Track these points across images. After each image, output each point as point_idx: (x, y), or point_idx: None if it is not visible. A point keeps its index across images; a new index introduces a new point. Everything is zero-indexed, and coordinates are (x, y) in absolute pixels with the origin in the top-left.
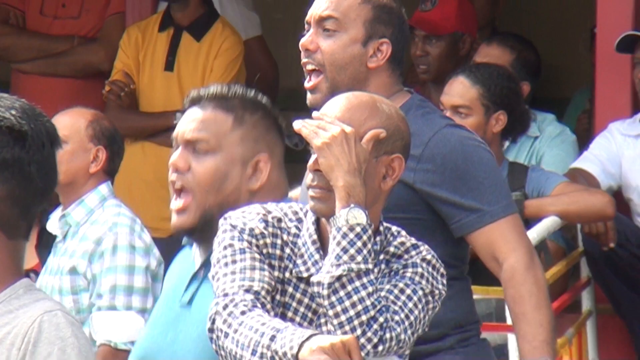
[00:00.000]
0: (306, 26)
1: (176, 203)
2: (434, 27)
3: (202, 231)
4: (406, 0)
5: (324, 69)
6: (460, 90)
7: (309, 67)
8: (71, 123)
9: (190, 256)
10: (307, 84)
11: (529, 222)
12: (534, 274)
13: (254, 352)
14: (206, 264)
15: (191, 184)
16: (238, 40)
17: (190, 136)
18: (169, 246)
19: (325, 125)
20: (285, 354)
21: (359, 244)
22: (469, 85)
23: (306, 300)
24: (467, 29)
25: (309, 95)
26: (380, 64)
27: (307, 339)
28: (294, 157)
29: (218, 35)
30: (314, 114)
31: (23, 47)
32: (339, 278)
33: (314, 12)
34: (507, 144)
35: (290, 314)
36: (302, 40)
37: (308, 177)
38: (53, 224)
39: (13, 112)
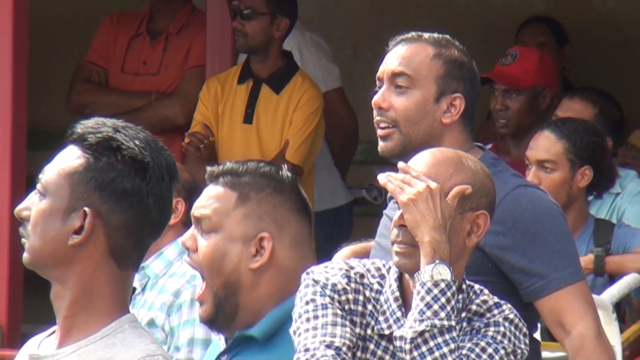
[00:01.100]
0: (378, 82)
1: (199, 292)
2: (514, 81)
3: (217, 318)
4: (486, 54)
5: (397, 125)
6: (545, 144)
7: (382, 125)
8: None
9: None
10: (380, 132)
11: (613, 277)
12: (603, 342)
13: None
14: (227, 351)
15: (197, 264)
16: (317, 93)
17: (197, 214)
18: None
19: (410, 180)
20: None
21: (443, 300)
22: (554, 139)
23: (387, 358)
24: (547, 84)
25: (380, 143)
26: (454, 119)
27: None
28: (371, 211)
29: (297, 88)
30: (400, 165)
31: (103, 103)
32: (421, 333)
33: (385, 69)
34: (591, 199)
35: None
36: (375, 98)
37: (393, 233)
38: None
39: (137, 142)
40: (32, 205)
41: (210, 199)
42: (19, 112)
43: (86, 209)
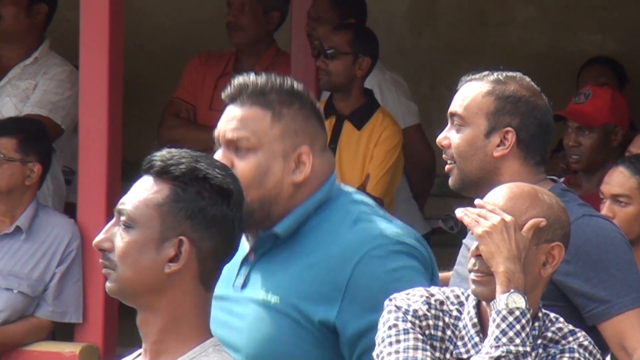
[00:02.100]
0: (449, 120)
1: None
2: (587, 120)
3: (246, 223)
4: (557, 93)
5: (455, 161)
6: (620, 180)
7: (447, 161)
8: None
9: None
10: (446, 168)
11: None
12: None
13: None
14: (254, 249)
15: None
16: (397, 129)
17: (231, 136)
18: None
19: (486, 214)
20: None
21: (518, 327)
22: (628, 175)
23: None
24: (619, 121)
25: (450, 180)
26: (505, 152)
27: None
28: (448, 241)
29: (378, 125)
30: (476, 202)
31: (192, 139)
32: (497, 359)
33: (450, 108)
34: None
35: None
36: (439, 137)
37: (470, 262)
38: None
39: (217, 170)
40: (113, 236)
41: (242, 120)
42: (113, 144)
43: (182, 237)
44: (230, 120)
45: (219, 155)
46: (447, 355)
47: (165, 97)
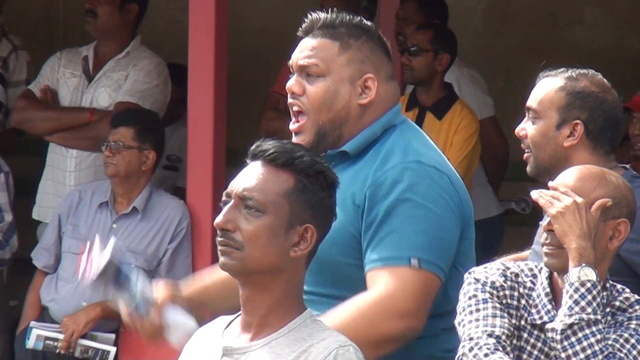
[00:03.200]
0: (526, 113)
1: (294, 126)
2: None
3: (318, 145)
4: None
5: (531, 150)
6: None
7: (525, 151)
8: None
9: None
10: (524, 156)
11: None
12: None
13: None
14: None
15: (306, 106)
16: (474, 119)
17: (303, 62)
18: None
19: (559, 195)
20: None
21: (589, 297)
22: None
23: (539, 344)
24: None
25: (528, 168)
26: (574, 142)
27: None
28: (519, 221)
29: (457, 115)
30: (550, 184)
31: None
32: (571, 326)
33: (527, 103)
34: None
35: (525, 356)
36: (517, 129)
37: (542, 237)
38: None
39: (324, 163)
40: (236, 219)
41: (314, 49)
42: (218, 133)
43: (308, 225)
44: (303, 50)
45: (292, 81)
46: (522, 322)
47: (264, 91)
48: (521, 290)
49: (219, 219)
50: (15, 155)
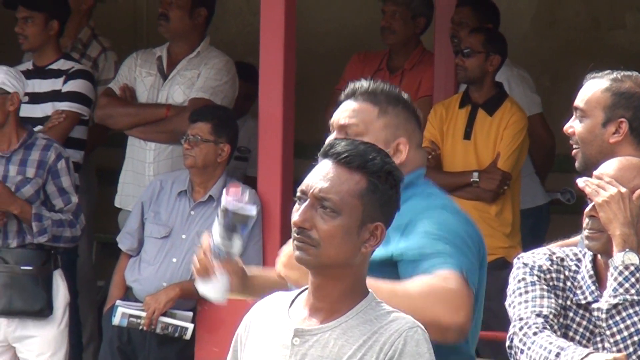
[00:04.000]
0: (574, 112)
1: None
2: None
3: None
4: None
5: (579, 146)
6: None
7: (574, 147)
8: None
9: None
10: (572, 152)
11: None
12: None
13: None
14: None
15: None
16: (523, 116)
17: (344, 122)
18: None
19: (604, 185)
20: None
21: (633, 279)
22: None
23: (584, 323)
24: None
25: (576, 163)
26: (619, 139)
27: (586, 356)
28: (564, 210)
29: (507, 111)
30: (595, 173)
31: None
32: (615, 306)
33: (574, 102)
34: None
35: (571, 334)
36: (565, 126)
37: (584, 222)
38: None
39: (392, 163)
40: (313, 218)
41: (355, 111)
42: (287, 127)
43: (378, 223)
44: (345, 111)
45: (331, 137)
46: (568, 302)
47: (329, 89)
48: (566, 273)
49: (296, 217)
50: (99, 147)
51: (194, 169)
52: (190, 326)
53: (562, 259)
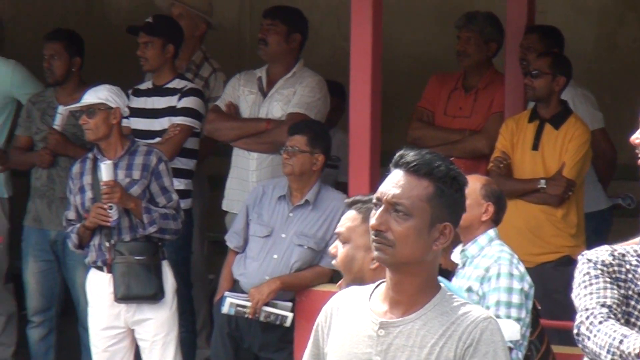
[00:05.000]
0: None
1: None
2: None
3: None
4: None
5: None
6: None
7: (639, 156)
8: (470, 185)
9: None
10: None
11: None
12: None
13: (608, 352)
14: None
15: (336, 266)
16: (586, 130)
17: (337, 230)
18: (536, 273)
19: None
20: (629, 353)
21: None
22: None
23: None
24: None
25: None
26: None
27: None
28: (625, 214)
29: (572, 126)
30: None
31: (431, 137)
32: None
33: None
34: None
35: (633, 320)
36: (632, 137)
37: None
38: (455, 255)
39: (456, 169)
40: (388, 221)
41: (345, 219)
42: (374, 138)
43: (447, 223)
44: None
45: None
46: (630, 292)
47: (411, 105)
48: (627, 267)
49: (373, 221)
50: (210, 157)
51: (292, 177)
52: (290, 315)
53: (624, 255)
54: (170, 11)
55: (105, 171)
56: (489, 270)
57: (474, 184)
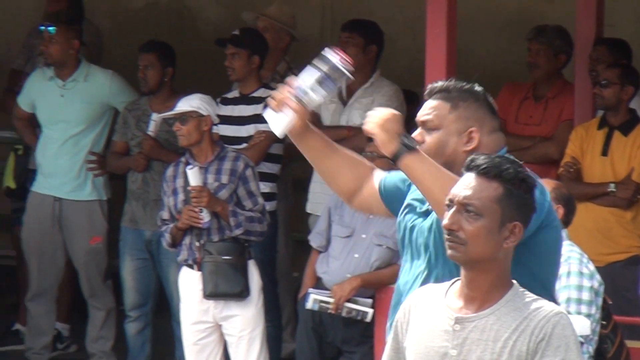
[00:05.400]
0: None
1: None
2: None
3: None
4: None
5: None
6: None
7: None
8: None
9: None
10: None
11: None
12: None
13: None
14: None
15: (425, 151)
16: None
17: (423, 119)
18: (606, 272)
19: None
20: None
21: None
22: None
23: None
24: None
25: None
26: None
27: None
28: None
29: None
30: None
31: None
32: None
33: None
34: None
35: None
36: None
37: None
38: None
39: (524, 171)
40: (460, 221)
41: (431, 108)
42: None
43: (516, 223)
44: (424, 109)
45: (416, 133)
46: None
47: None
48: None
49: (445, 221)
50: (295, 162)
51: None
52: (370, 311)
53: None
54: (256, 24)
55: (192, 177)
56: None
57: None
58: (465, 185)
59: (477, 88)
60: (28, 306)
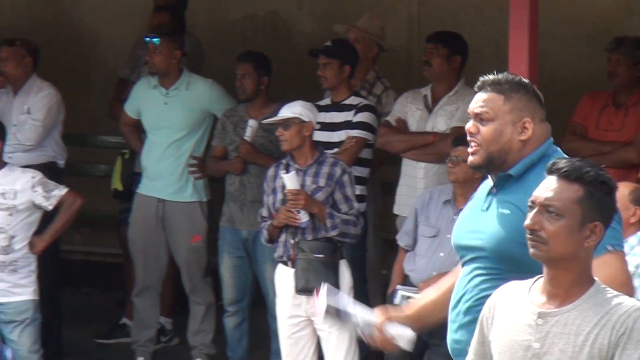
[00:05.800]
0: None
1: (471, 150)
2: None
3: (487, 166)
4: None
5: None
6: None
7: None
8: (619, 190)
9: (487, 182)
10: None
11: None
12: None
13: None
14: (495, 185)
15: (480, 141)
16: None
17: (477, 110)
18: None
19: None
20: None
21: None
22: None
23: None
24: None
25: None
26: None
27: None
28: None
29: None
30: None
31: (582, 147)
32: None
33: None
34: None
35: None
36: None
37: None
38: None
39: (605, 174)
40: (541, 222)
41: (485, 100)
42: None
43: (597, 222)
44: (477, 101)
45: (470, 124)
46: None
47: (565, 121)
48: None
49: (528, 221)
50: (384, 166)
51: (457, 184)
52: None
53: None
54: (347, 36)
55: (288, 181)
56: (638, 267)
57: (623, 190)
58: (547, 187)
59: (525, 80)
60: (134, 301)
